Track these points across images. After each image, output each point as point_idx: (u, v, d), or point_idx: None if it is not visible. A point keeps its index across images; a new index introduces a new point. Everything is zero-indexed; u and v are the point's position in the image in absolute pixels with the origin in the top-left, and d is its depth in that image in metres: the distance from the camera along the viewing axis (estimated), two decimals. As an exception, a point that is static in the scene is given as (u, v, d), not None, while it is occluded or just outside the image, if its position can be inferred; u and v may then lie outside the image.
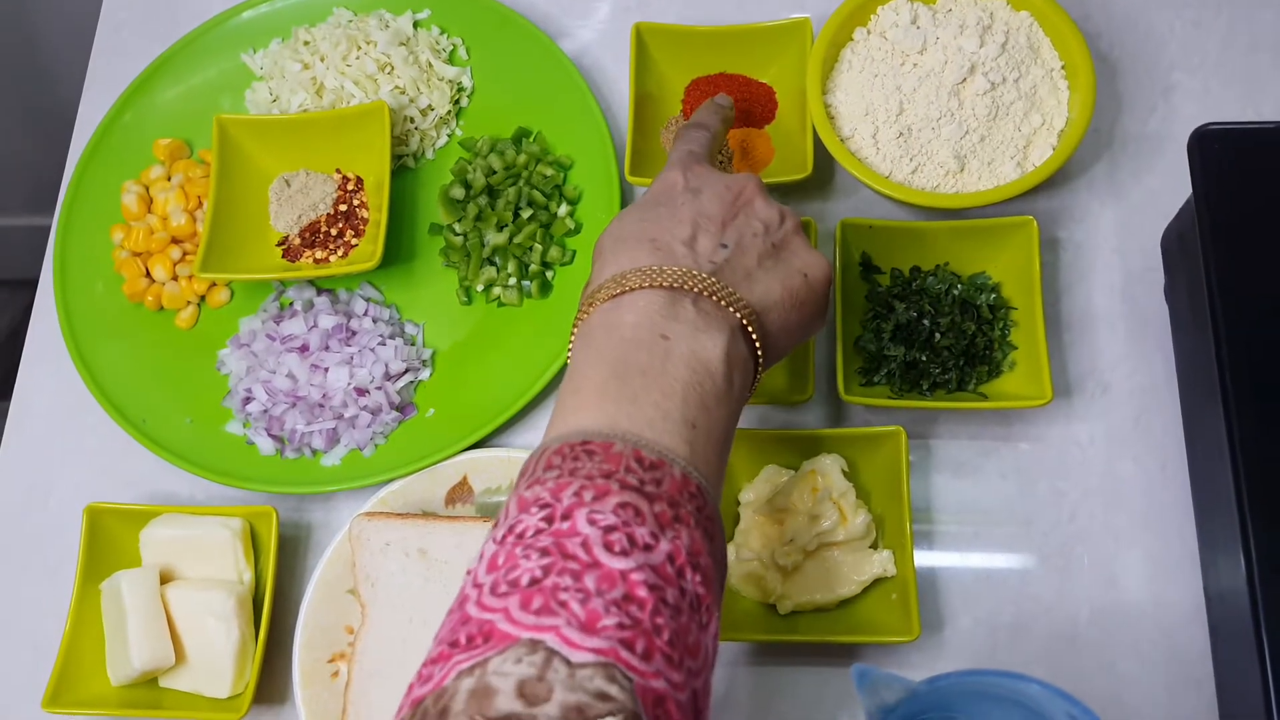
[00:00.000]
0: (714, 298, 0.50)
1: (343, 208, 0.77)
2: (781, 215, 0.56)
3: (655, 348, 0.48)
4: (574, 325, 0.52)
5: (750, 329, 0.51)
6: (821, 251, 0.57)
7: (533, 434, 0.72)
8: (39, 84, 1.30)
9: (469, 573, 0.42)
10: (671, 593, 0.41)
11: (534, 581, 0.40)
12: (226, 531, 0.66)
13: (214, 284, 0.76)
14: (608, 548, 0.40)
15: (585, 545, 0.40)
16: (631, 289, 0.50)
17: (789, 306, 0.53)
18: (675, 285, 0.50)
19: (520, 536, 0.41)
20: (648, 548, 0.41)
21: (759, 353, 0.52)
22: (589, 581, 0.39)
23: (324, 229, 0.76)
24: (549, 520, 0.42)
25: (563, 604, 0.39)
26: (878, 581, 0.64)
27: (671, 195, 0.56)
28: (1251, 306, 0.56)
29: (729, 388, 0.49)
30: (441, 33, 0.81)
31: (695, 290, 0.50)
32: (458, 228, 0.75)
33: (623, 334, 0.49)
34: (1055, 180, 0.73)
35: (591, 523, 0.41)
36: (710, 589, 0.43)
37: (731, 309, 0.50)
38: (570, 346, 0.52)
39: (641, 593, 0.40)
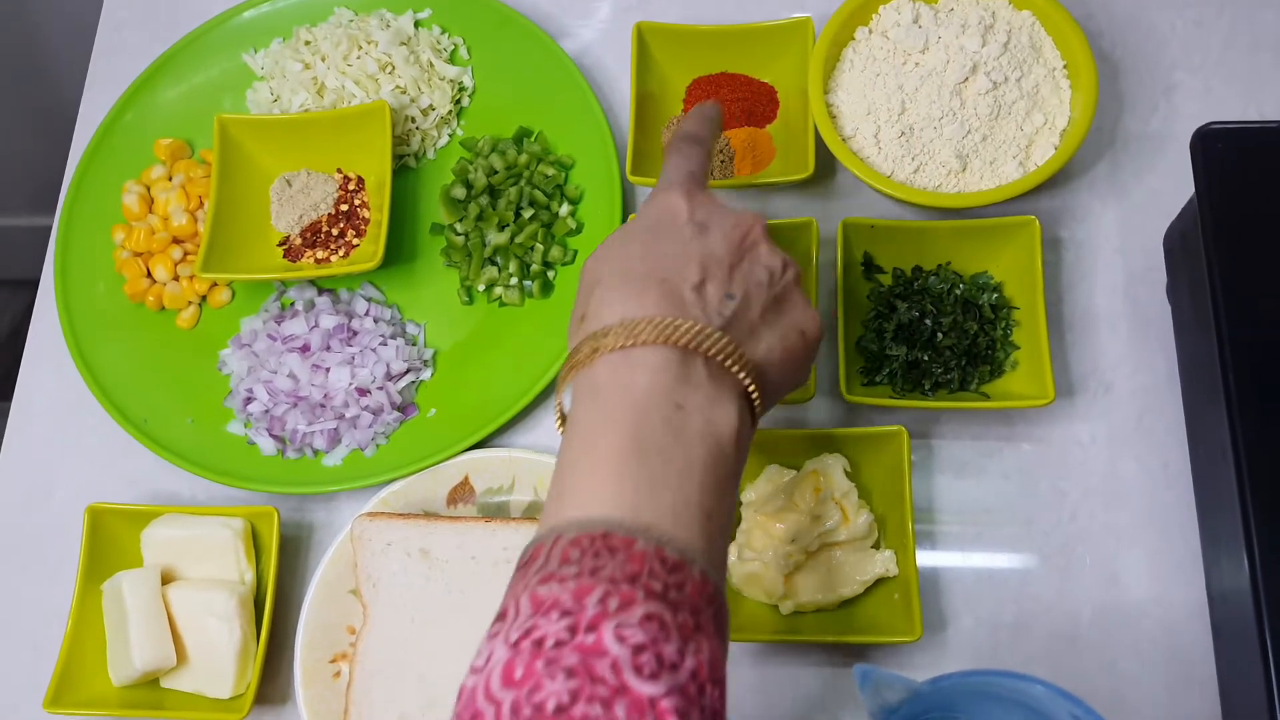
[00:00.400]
0: (726, 361, 0.47)
1: (344, 207, 0.77)
2: (784, 264, 0.53)
3: (672, 420, 0.45)
4: (569, 367, 0.48)
5: (754, 394, 0.48)
6: (814, 306, 0.54)
7: (534, 434, 0.72)
8: (40, 84, 1.30)
9: (475, 672, 0.39)
10: (695, 715, 0.39)
11: (560, 709, 0.37)
12: (228, 532, 0.66)
13: (215, 284, 0.76)
14: (637, 671, 0.38)
15: (615, 667, 0.38)
16: (643, 343, 0.46)
17: (784, 366, 0.51)
18: (689, 345, 0.46)
19: (539, 645, 0.38)
20: (674, 667, 0.39)
21: (756, 417, 0.49)
22: (619, 711, 0.37)
23: (325, 229, 0.76)
24: (572, 630, 0.39)
25: None
26: (880, 581, 0.64)
27: (677, 227, 0.52)
28: (1254, 306, 0.56)
29: (738, 466, 0.47)
30: (443, 32, 0.81)
31: (708, 351, 0.47)
32: (459, 227, 0.75)
33: (635, 398, 0.45)
34: (1057, 180, 0.73)
35: (620, 640, 0.38)
36: (724, 700, 0.41)
37: (741, 374, 0.48)
38: (560, 390, 0.49)
39: None
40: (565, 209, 0.74)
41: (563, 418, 0.49)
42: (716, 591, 0.42)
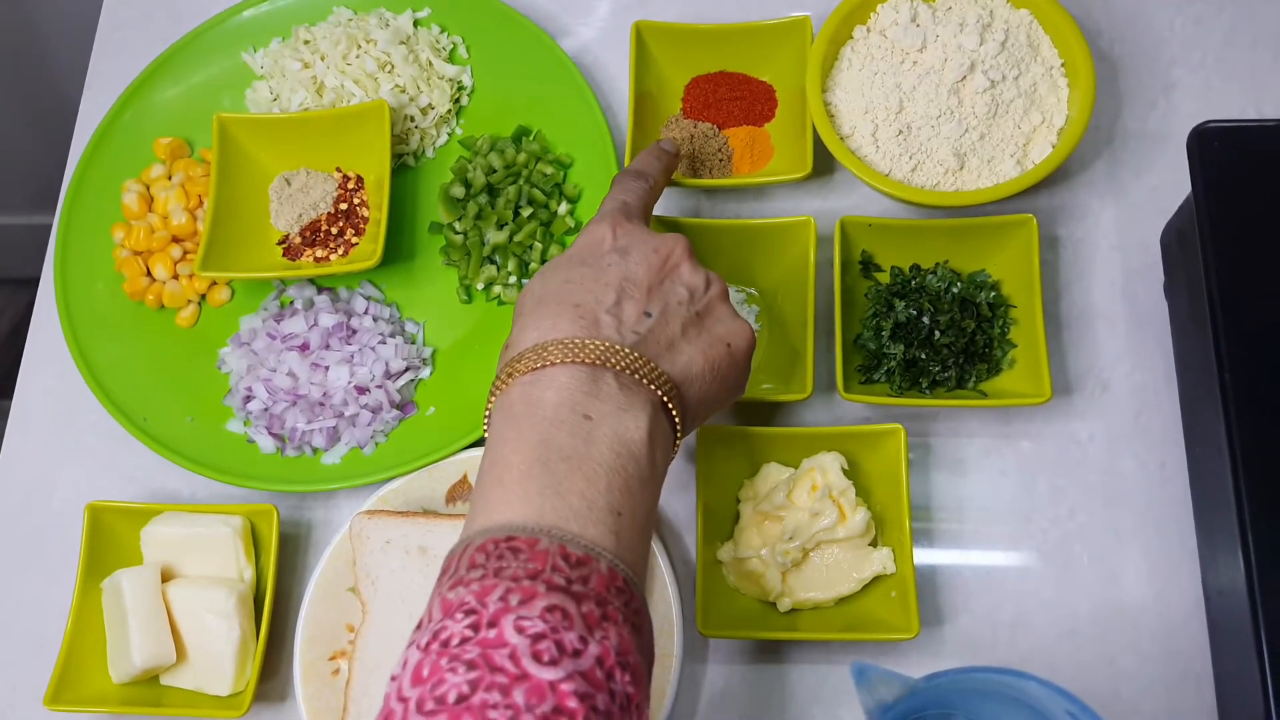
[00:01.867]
0: (636, 375, 0.49)
1: (343, 206, 0.77)
2: (708, 281, 0.55)
3: (578, 429, 0.47)
4: (491, 394, 0.51)
5: (671, 405, 0.50)
6: (743, 318, 0.56)
7: (533, 432, 0.72)
8: (40, 83, 1.30)
9: (393, 680, 0.41)
10: (602, 698, 0.40)
11: (461, 699, 0.38)
12: (227, 529, 0.67)
13: (215, 283, 0.76)
14: (536, 658, 0.39)
15: (513, 656, 0.39)
16: (552, 363, 0.49)
17: (710, 378, 0.53)
18: (597, 362, 0.49)
19: (446, 645, 0.40)
20: (576, 653, 0.40)
21: (677, 427, 0.51)
22: (518, 696, 0.38)
23: (324, 228, 0.76)
24: (475, 628, 0.40)
25: None
26: (877, 579, 0.64)
27: (598, 254, 0.54)
28: (1251, 304, 0.56)
29: (652, 468, 0.48)
30: (441, 31, 0.82)
31: (617, 367, 0.49)
32: (458, 226, 0.75)
33: (544, 413, 0.48)
34: (1055, 178, 0.73)
35: (519, 630, 0.40)
36: (639, 686, 0.42)
37: (653, 386, 0.50)
38: (487, 418, 0.51)
39: (571, 704, 0.39)
40: (564, 208, 0.75)
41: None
42: (627, 583, 0.44)
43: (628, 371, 0.49)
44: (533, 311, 0.52)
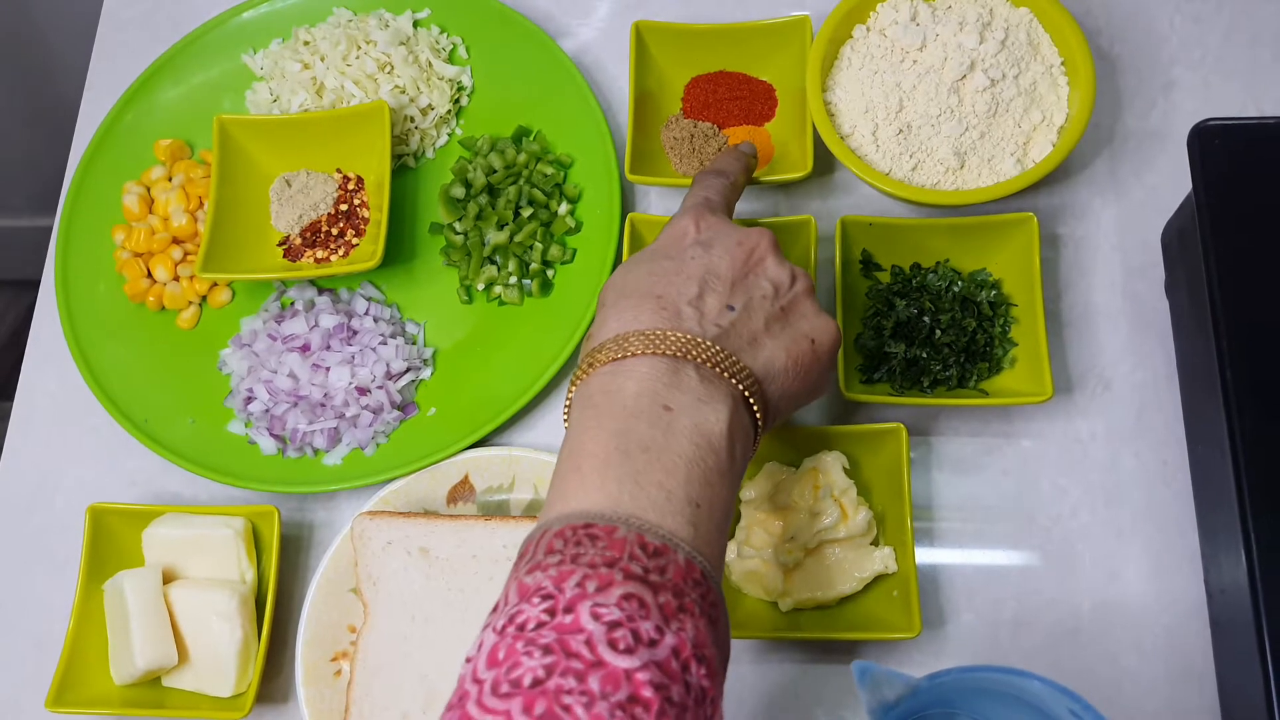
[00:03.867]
0: (717, 368, 0.49)
1: (343, 207, 0.77)
2: (793, 276, 0.55)
3: (658, 420, 0.47)
4: (571, 383, 0.51)
5: (752, 400, 0.50)
6: (828, 314, 0.56)
7: (534, 433, 0.72)
8: (40, 85, 1.30)
9: (468, 661, 0.41)
10: (677, 690, 0.40)
11: (536, 683, 0.38)
12: (229, 531, 0.67)
13: (215, 284, 0.77)
14: (612, 645, 0.39)
15: (589, 643, 0.39)
16: (633, 354, 0.49)
17: (793, 374, 0.52)
18: (678, 354, 0.49)
19: (522, 629, 0.40)
20: (653, 643, 0.40)
21: (759, 422, 0.51)
22: (593, 683, 0.38)
23: (325, 229, 0.76)
24: (551, 613, 0.40)
25: (566, 708, 0.37)
26: (879, 578, 0.64)
27: (681, 247, 0.54)
28: (1252, 301, 0.56)
29: (731, 462, 0.48)
30: (441, 32, 0.82)
31: (698, 359, 0.49)
32: (458, 227, 0.75)
33: (624, 403, 0.48)
34: (1055, 177, 0.73)
35: (595, 617, 0.40)
36: (714, 679, 0.42)
37: (734, 380, 0.49)
38: (567, 407, 0.51)
39: (646, 693, 0.39)
40: (564, 208, 0.75)
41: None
42: (704, 576, 0.44)
43: (709, 364, 0.49)
44: (615, 304, 0.52)
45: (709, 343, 0.49)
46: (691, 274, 0.52)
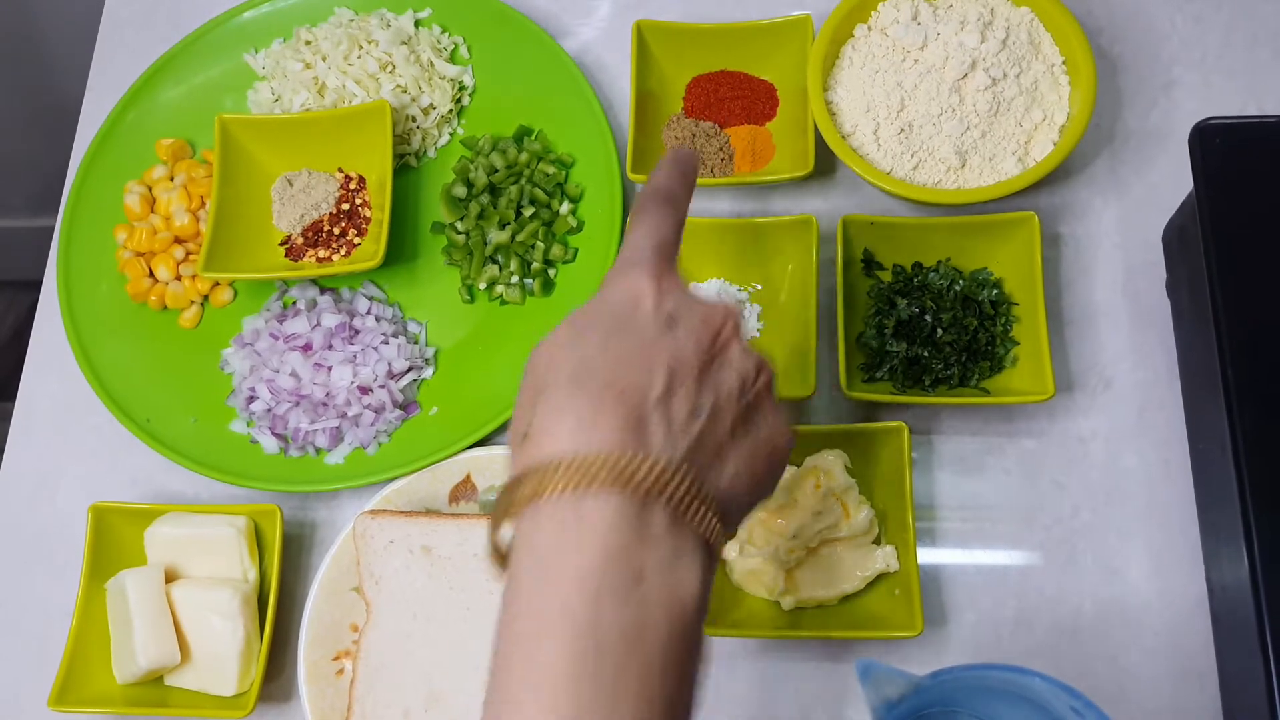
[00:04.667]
0: (689, 510, 0.40)
1: (345, 207, 0.77)
2: (758, 367, 0.45)
3: (630, 595, 0.38)
4: (509, 503, 0.40)
5: (715, 544, 0.41)
6: (760, 353, 0.47)
7: (536, 431, 0.72)
8: (41, 84, 1.30)
9: None
10: None
11: None
12: (231, 530, 0.67)
13: (217, 283, 0.77)
14: None
15: None
16: (596, 489, 0.39)
17: (749, 492, 0.44)
18: (649, 492, 0.39)
19: None
20: None
21: (715, 559, 0.42)
22: None
23: (326, 228, 0.76)
24: None
25: None
26: (881, 577, 0.64)
27: (641, 318, 0.44)
28: (1253, 300, 0.56)
29: (701, 629, 0.40)
30: (443, 31, 0.82)
31: (670, 497, 0.39)
32: (460, 226, 0.75)
33: (587, 570, 0.38)
34: (1056, 176, 0.73)
35: None
36: None
37: (702, 523, 0.40)
38: (494, 526, 0.41)
39: None
40: (566, 207, 0.75)
41: (500, 555, 0.42)
42: None
43: (680, 505, 0.40)
44: (563, 391, 0.41)
45: (680, 476, 0.40)
46: (657, 361, 0.42)
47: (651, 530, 0.39)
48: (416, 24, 0.81)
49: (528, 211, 0.74)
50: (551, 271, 0.74)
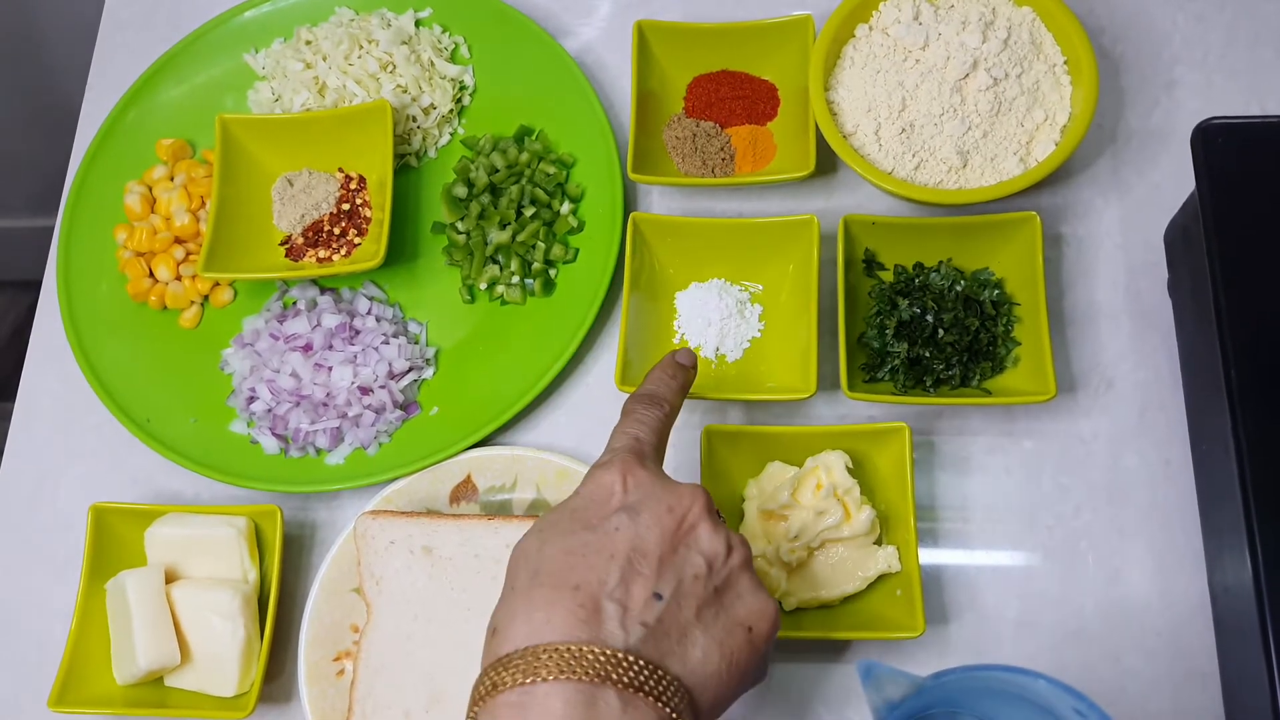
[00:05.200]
0: (640, 691, 0.42)
1: (345, 207, 0.77)
2: (729, 546, 0.48)
3: None
4: (473, 699, 0.44)
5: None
6: (765, 591, 0.49)
7: (535, 432, 0.72)
8: (41, 84, 1.30)
9: None
10: None
11: None
12: (231, 530, 0.67)
13: (217, 284, 0.76)
14: None
15: None
16: (545, 679, 0.42)
17: (727, 675, 0.45)
18: (596, 678, 0.42)
19: None
20: None
21: None
22: None
23: (327, 228, 0.76)
24: None
25: None
26: (882, 577, 0.64)
27: (605, 513, 0.47)
28: (1255, 300, 0.56)
29: None
30: (443, 31, 0.82)
31: (619, 682, 0.42)
32: (460, 226, 0.75)
33: None
34: (1058, 176, 0.73)
35: None
36: None
37: (660, 702, 0.42)
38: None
39: None
40: (567, 207, 0.75)
41: None
42: None
43: (631, 688, 0.42)
44: (526, 590, 0.45)
45: (632, 659, 0.42)
46: (615, 552, 0.45)
47: (601, 715, 0.41)
48: (417, 24, 0.81)
49: (528, 211, 0.74)
50: (552, 271, 0.74)
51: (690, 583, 0.46)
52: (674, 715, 0.43)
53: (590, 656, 0.42)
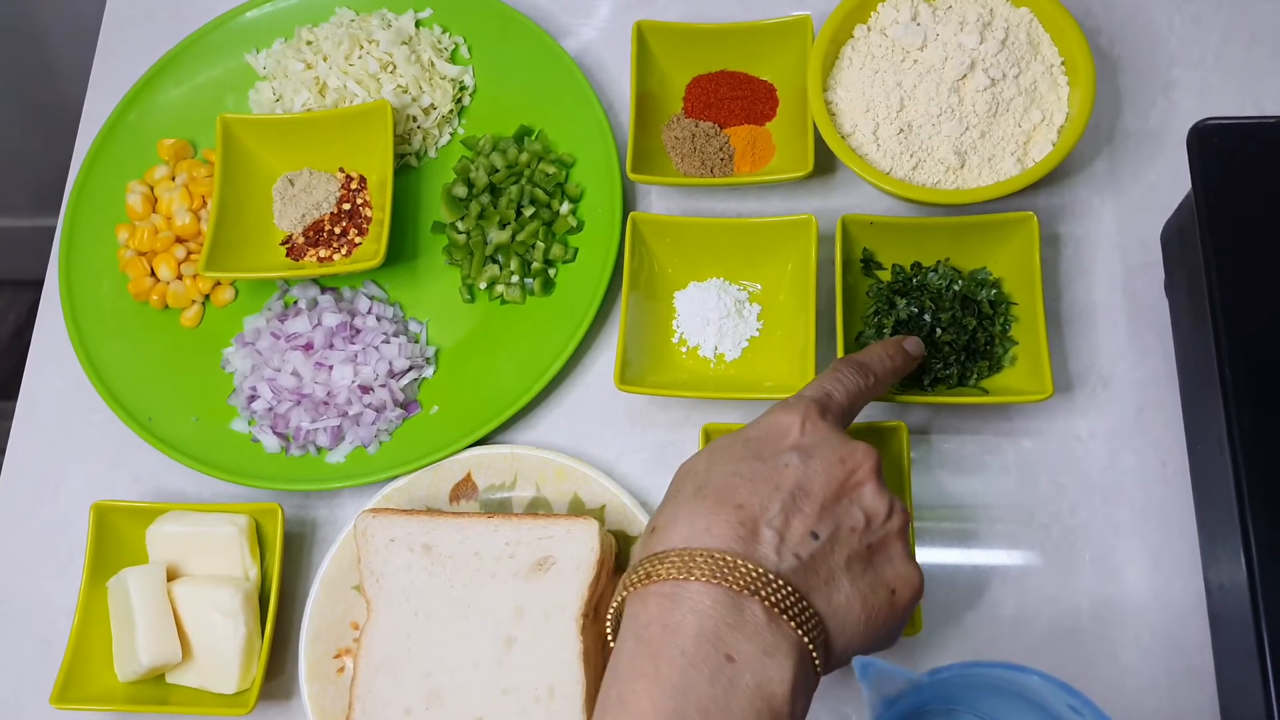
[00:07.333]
0: (785, 614, 0.44)
1: (346, 206, 0.77)
2: (890, 509, 0.49)
3: (720, 673, 0.43)
4: (623, 585, 0.47)
5: (815, 654, 0.45)
6: (915, 562, 0.50)
7: (536, 431, 0.72)
8: (43, 84, 1.31)
9: None
10: None
11: None
12: (232, 528, 0.67)
13: (218, 283, 0.77)
14: None
15: None
16: (697, 579, 0.44)
17: (862, 626, 0.47)
18: (745, 589, 0.44)
19: None
20: None
21: (818, 673, 0.46)
22: None
23: (328, 228, 0.77)
24: None
25: None
26: (880, 576, 0.64)
27: (778, 447, 0.49)
28: (1251, 300, 0.56)
29: None
30: (443, 31, 0.82)
31: (766, 599, 0.44)
32: (460, 226, 0.75)
33: (683, 645, 0.43)
34: (1055, 176, 0.74)
35: None
36: None
37: (799, 630, 0.45)
38: (613, 617, 0.47)
39: None
40: (566, 207, 0.75)
41: (614, 631, 0.47)
42: None
43: (775, 608, 0.44)
44: (690, 500, 0.48)
45: (781, 582, 0.45)
46: (781, 484, 0.47)
47: (746, 623, 0.44)
48: (417, 24, 0.82)
49: (528, 211, 0.74)
50: (552, 271, 0.74)
51: (846, 533, 0.48)
52: (810, 645, 0.45)
53: (743, 569, 0.44)
